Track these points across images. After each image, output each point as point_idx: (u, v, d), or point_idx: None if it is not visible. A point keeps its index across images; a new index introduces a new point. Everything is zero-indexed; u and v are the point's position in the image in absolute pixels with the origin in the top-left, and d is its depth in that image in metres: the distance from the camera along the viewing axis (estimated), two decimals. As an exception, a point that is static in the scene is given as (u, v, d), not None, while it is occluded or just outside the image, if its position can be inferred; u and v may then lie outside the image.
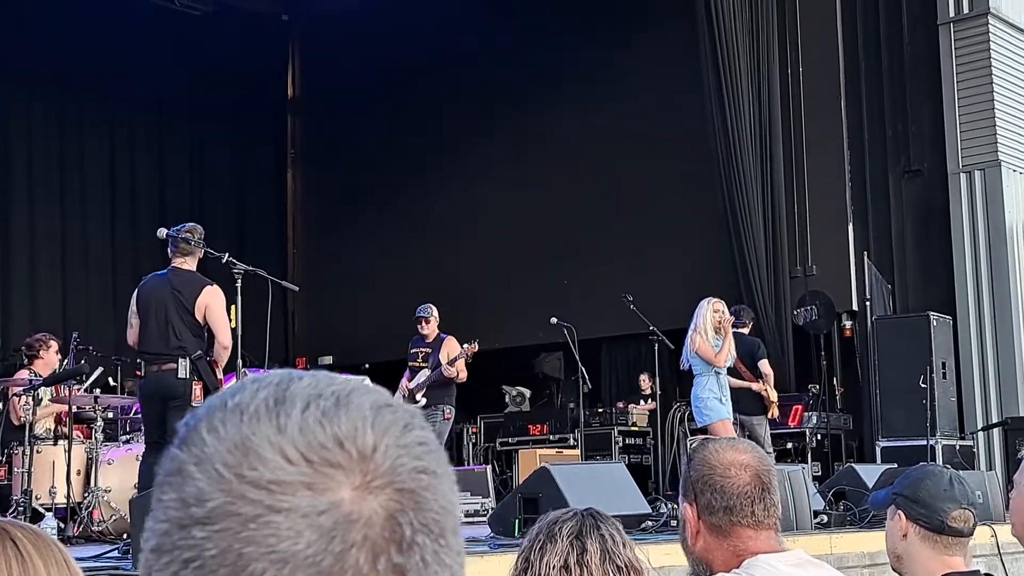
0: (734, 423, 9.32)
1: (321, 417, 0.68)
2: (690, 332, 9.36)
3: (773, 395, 9.97)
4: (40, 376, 8.33)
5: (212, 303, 6.91)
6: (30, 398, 7.62)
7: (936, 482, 2.72)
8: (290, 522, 0.65)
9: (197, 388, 6.79)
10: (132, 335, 7.18)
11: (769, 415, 9.96)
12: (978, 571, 2.69)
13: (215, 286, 6.97)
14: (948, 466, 2.95)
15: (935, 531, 2.68)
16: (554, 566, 1.86)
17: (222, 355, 6.99)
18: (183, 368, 6.81)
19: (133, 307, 7.17)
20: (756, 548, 2.28)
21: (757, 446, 2.42)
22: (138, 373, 7.42)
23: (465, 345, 9.88)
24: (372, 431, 0.68)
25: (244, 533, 0.64)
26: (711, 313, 9.37)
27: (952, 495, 2.70)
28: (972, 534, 2.74)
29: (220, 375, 7.11)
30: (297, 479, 0.66)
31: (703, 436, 9.06)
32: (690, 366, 9.37)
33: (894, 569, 2.81)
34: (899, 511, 2.74)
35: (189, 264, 7.03)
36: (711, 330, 9.28)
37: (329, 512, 0.65)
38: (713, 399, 9.20)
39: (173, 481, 0.68)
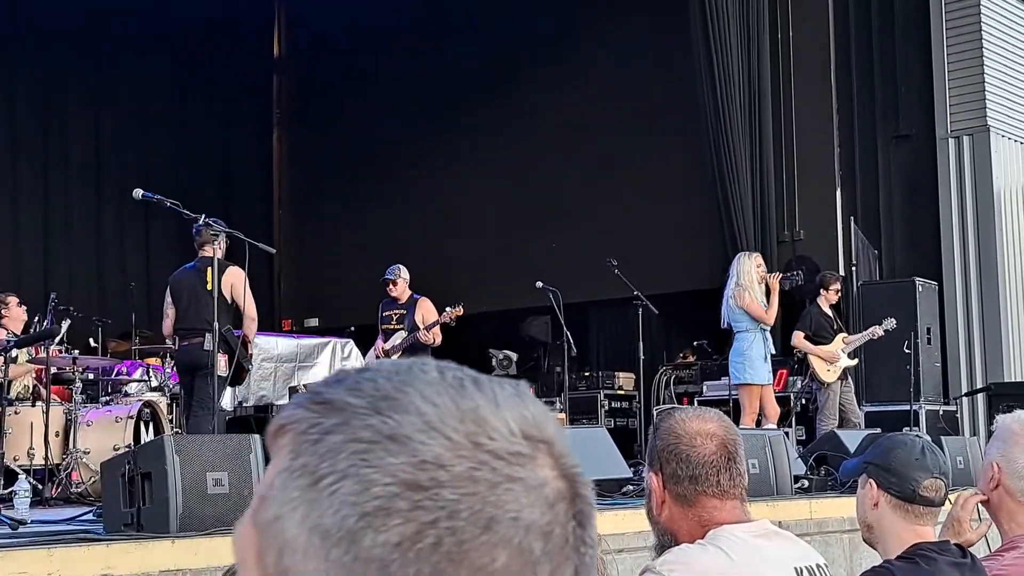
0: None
1: (516, 398, 0.70)
2: (731, 288, 9.04)
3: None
4: (15, 334, 8.28)
5: (236, 282, 7.69)
6: (2, 358, 7.53)
7: (908, 451, 2.69)
8: (525, 492, 0.66)
9: (222, 359, 7.46)
10: (167, 325, 8.06)
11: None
12: (947, 541, 2.67)
13: (236, 267, 7.64)
14: (920, 435, 2.91)
15: (906, 500, 2.65)
16: None
17: (250, 327, 7.84)
18: (208, 341, 7.44)
19: (168, 298, 8.02)
20: (721, 518, 2.25)
21: (723, 415, 2.38)
22: (173, 348, 8.25)
23: (448, 308, 9.60)
24: (548, 420, 0.70)
25: (491, 498, 0.66)
26: (756, 268, 9.07)
27: (924, 464, 2.66)
28: (943, 503, 2.72)
29: (251, 349, 7.98)
30: (525, 451, 0.67)
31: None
32: (730, 324, 9.14)
33: (864, 539, 2.78)
34: (870, 480, 2.71)
35: (211, 252, 7.61)
36: (758, 285, 9.05)
37: (547, 486, 0.67)
38: (758, 358, 8.94)
39: (389, 447, 0.66)
